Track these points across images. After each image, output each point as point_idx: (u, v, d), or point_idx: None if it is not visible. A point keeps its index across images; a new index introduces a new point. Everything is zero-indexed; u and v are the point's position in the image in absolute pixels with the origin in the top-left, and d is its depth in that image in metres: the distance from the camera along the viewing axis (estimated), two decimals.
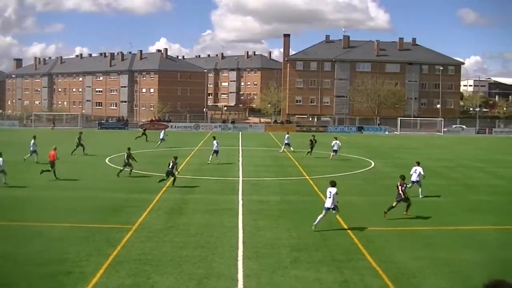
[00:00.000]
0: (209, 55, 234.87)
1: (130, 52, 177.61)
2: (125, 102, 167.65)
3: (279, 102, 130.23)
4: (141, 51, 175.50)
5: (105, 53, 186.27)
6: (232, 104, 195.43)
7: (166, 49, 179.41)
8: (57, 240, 21.71)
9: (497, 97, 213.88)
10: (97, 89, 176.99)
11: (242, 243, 21.58)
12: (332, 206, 24.05)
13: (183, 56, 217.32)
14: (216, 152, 47.97)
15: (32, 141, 47.45)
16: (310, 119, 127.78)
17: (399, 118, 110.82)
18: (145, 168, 43.37)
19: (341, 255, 20.26)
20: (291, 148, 57.51)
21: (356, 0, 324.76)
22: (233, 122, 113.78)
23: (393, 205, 27.09)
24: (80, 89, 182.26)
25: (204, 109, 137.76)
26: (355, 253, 20.67)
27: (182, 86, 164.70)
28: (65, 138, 66.69)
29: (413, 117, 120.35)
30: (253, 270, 18.35)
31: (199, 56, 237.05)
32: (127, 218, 25.81)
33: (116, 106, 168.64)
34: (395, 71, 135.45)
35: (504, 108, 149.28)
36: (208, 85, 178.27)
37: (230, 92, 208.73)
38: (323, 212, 24.06)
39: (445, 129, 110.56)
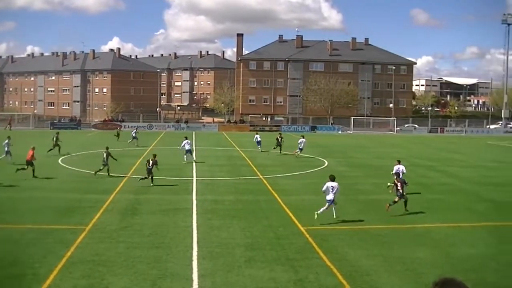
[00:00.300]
0: (162, 55, 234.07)
1: (82, 52, 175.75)
2: (77, 102, 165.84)
3: (232, 101, 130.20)
4: (93, 50, 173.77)
5: (57, 53, 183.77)
6: (186, 103, 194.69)
7: (119, 49, 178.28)
8: (9, 242, 21.41)
9: (448, 96, 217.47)
10: (49, 89, 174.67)
11: (196, 243, 21.56)
12: (333, 199, 25.62)
13: (136, 56, 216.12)
14: (189, 151, 48.67)
15: (6, 141, 46.51)
16: (264, 118, 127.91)
17: (352, 118, 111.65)
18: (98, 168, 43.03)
19: (295, 254, 20.37)
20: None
21: (309, 0, 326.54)
22: (186, 122, 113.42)
23: (401, 202, 28.26)
24: (32, 89, 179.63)
25: (158, 109, 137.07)
26: (309, 251, 20.80)
27: (135, 85, 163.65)
28: (20, 138, 65.74)
29: (366, 116, 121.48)
30: (208, 270, 18.35)
31: (152, 55, 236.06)
32: (80, 218, 25.58)
33: (68, 106, 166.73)
34: (348, 71, 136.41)
35: (456, 108, 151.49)
36: (161, 85, 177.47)
37: (184, 92, 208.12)
38: (326, 204, 25.58)
39: (397, 128, 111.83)
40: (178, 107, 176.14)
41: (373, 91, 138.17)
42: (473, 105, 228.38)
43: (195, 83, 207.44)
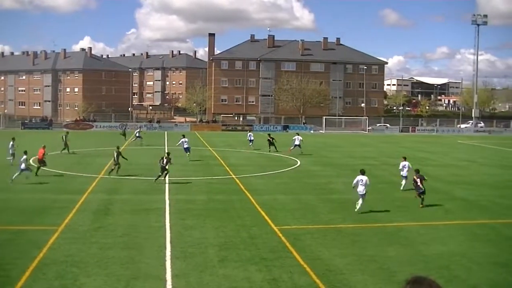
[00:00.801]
0: (134, 54, 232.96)
1: (53, 51, 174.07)
2: (49, 101, 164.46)
3: (204, 101, 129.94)
4: (65, 49, 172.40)
5: (27, 52, 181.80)
6: (158, 103, 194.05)
7: (90, 48, 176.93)
8: None
9: (419, 96, 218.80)
10: (20, 88, 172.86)
11: (169, 243, 21.53)
12: (364, 192, 27.96)
13: (108, 55, 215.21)
14: (187, 149, 50.34)
15: (11, 142, 46.15)
16: (236, 118, 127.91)
17: (324, 117, 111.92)
18: (72, 168, 42.82)
19: (269, 254, 20.41)
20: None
21: (281, 0, 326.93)
22: (158, 122, 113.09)
23: (421, 197, 30.19)
24: (2, 88, 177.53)
25: (129, 109, 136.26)
26: (283, 251, 20.87)
27: (106, 85, 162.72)
28: None
29: (338, 116, 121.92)
30: (182, 270, 18.34)
31: (124, 55, 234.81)
32: (52, 219, 25.39)
33: (39, 106, 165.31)
34: (319, 71, 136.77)
35: (427, 107, 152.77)
36: (133, 85, 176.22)
37: (155, 92, 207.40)
38: (360, 198, 28.01)
39: (369, 128, 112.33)
40: (150, 107, 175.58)
41: (344, 91, 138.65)
42: (444, 105, 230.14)
43: (167, 83, 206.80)
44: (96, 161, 46.04)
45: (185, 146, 49.07)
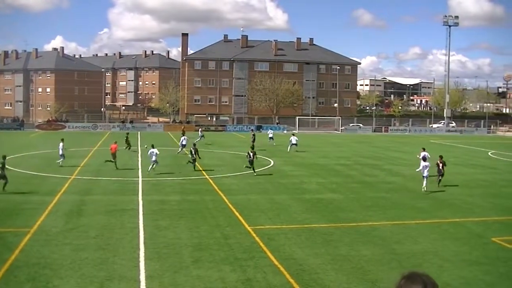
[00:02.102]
0: (106, 54, 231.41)
1: (25, 51, 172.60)
2: (20, 102, 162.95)
3: (177, 101, 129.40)
4: (36, 49, 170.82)
5: None
6: (131, 103, 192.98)
7: (62, 48, 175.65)
8: None
9: (392, 96, 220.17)
10: None
11: (143, 244, 21.50)
12: (427, 175, 35.06)
13: (80, 55, 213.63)
14: (183, 146, 54.24)
15: (61, 144, 45.99)
16: (209, 118, 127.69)
17: (297, 117, 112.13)
18: (44, 169, 42.56)
19: (243, 254, 20.46)
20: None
21: (254, 0, 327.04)
22: (131, 122, 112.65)
23: (440, 179, 37.13)
24: None
25: (102, 109, 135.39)
26: (256, 251, 20.92)
27: (79, 85, 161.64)
28: None
29: (311, 116, 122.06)
30: (155, 271, 18.32)
31: (96, 55, 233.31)
32: (24, 221, 25.20)
33: (11, 106, 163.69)
34: (293, 71, 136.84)
35: (399, 107, 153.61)
36: (106, 85, 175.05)
37: (128, 92, 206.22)
38: (424, 180, 35.17)
39: (342, 128, 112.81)
40: (123, 107, 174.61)
41: (318, 91, 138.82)
42: (416, 105, 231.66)
43: (140, 83, 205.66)
44: (68, 162, 45.71)
45: (153, 158, 45.37)
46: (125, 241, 21.96)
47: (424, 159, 36.76)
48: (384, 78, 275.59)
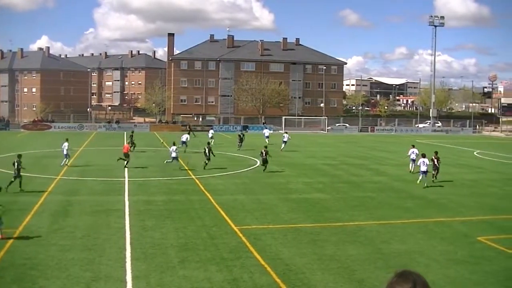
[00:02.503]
0: (92, 54, 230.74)
1: (10, 50, 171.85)
2: (5, 102, 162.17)
3: (163, 101, 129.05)
4: (21, 49, 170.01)
5: None
6: (117, 103, 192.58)
7: (48, 48, 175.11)
8: None
9: (378, 96, 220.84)
10: None
11: (129, 244, 21.46)
12: (425, 170, 37.12)
13: (66, 55, 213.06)
14: (184, 143, 56.21)
15: (66, 144, 45.88)
16: (195, 118, 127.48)
17: (283, 117, 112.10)
18: (30, 170, 42.34)
19: (229, 254, 20.47)
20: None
21: (240, 0, 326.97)
22: (117, 122, 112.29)
23: (435, 173, 39.37)
24: None
25: (88, 109, 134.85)
26: (243, 251, 20.93)
27: (65, 85, 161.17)
28: None
29: (298, 116, 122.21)
30: (142, 271, 18.29)
31: (82, 55, 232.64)
32: (10, 221, 24.94)
33: None
34: (279, 71, 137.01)
35: (385, 107, 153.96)
36: (92, 85, 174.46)
37: (114, 92, 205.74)
38: (421, 175, 37.68)
39: (329, 128, 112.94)
40: (109, 107, 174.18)
41: (304, 91, 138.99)
42: (402, 105, 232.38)
43: (126, 83, 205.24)
44: (54, 162, 45.58)
45: (173, 155, 45.66)
46: (112, 242, 21.90)
47: (424, 155, 38.82)
48: (370, 78, 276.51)
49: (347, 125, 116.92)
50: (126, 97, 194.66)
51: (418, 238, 23.68)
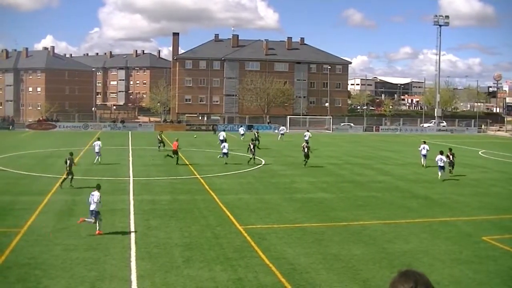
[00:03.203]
0: (97, 54, 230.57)
1: (15, 50, 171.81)
2: (10, 101, 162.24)
3: (168, 101, 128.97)
4: (26, 48, 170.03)
5: None
6: (121, 103, 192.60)
7: (53, 47, 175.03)
8: None
9: (383, 95, 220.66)
10: None
11: (134, 244, 21.48)
12: (443, 165, 40.83)
13: (71, 55, 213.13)
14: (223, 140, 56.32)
15: (99, 142, 47.31)
16: (200, 118, 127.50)
17: (288, 117, 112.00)
18: (34, 169, 42.45)
19: (234, 253, 20.47)
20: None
21: None
22: (122, 122, 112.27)
23: (451, 168, 42.87)
24: None
25: (93, 109, 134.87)
26: (247, 250, 20.93)
27: (70, 85, 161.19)
28: None
29: (302, 115, 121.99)
30: (146, 271, 18.31)
31: (87, 54, 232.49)
32: (14, 221, 25.13)
33: (1, 106, 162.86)
34: (283, 70, 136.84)
35: (390, 107, 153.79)
36: (97, 84, 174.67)
37: (119, 91, 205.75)
38: (440, 171, 40.93)
39: (333, 127, 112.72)
40: (114, 107, 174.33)
41: (308, 90, 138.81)
42: (407, 104, 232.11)
43: (131, 83, 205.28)
44: (59, 161, 45.57)
45: (224, 151, 49.63)
46: (116, 241, 21.93)
47: (441, 152, 41.36)
48: (375, 77, 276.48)
49: (351, 124, 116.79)
50: (131, 97, 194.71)
51: (423, 237, 23.66)
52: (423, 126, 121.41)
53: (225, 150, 49.06)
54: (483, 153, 65.20)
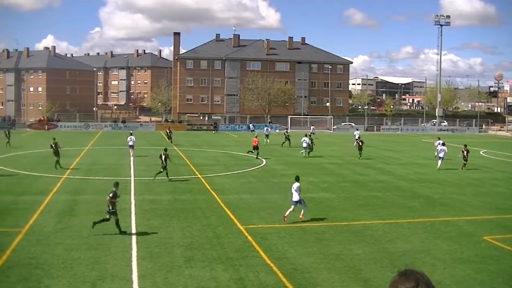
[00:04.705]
0: (98, 53, 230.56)
1: (16, 50, 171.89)
2: (11, 101, 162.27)
3: (169, 101, 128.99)
4: (27, 48, 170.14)
5: None
6: (123, 103, 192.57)
7: (54, 47, 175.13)
8: None
9: (384, 95, 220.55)
10: None
11: (135, 244, 21.48)
12: (442, 157, 45.43)
13: (72, 54, 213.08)
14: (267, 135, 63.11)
15: (133, 137, 51.72)
16: (201, 117, 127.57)
17: (289, 116, 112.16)
18: (36, 169, 42.45)
19: (235, 253, 20.46)
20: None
21: None
22: (123, 121, 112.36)
23: (465, 164, 46.60)
24: None
25: (94, 108, 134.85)
26: (249, 250, 20.93)
27: (71, 85, 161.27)
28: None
29: (303, 115, 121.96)
30: (148, 271, 18.30)
31: (88, 54, 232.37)
32: (15, 221, 25.12)
33: (2, 105, 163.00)
34: (285, 70, 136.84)
35: (391, 106, 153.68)
36: (98, 84, 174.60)
37: (120, 91, 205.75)
38: (440, 160, 45.28)
39: (334, 127, 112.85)
40: (115, 107, 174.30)
41: (310, 90, 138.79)
42: (408, 104, 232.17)
43: (132, 82, 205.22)
44: (60, 161, 45.59)
45: (304, 145, 55.60)
46: (117, 241, 21.92)
47: (443, 144, 46.52)
48: (376, 77, 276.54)
49: (353, 124, 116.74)
50: (132, 96, 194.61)
51: (424, 237, 23.65)
52: (424, 126, 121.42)
53: (304, 144, 55.47)
54: (484, 153, 65.24)
